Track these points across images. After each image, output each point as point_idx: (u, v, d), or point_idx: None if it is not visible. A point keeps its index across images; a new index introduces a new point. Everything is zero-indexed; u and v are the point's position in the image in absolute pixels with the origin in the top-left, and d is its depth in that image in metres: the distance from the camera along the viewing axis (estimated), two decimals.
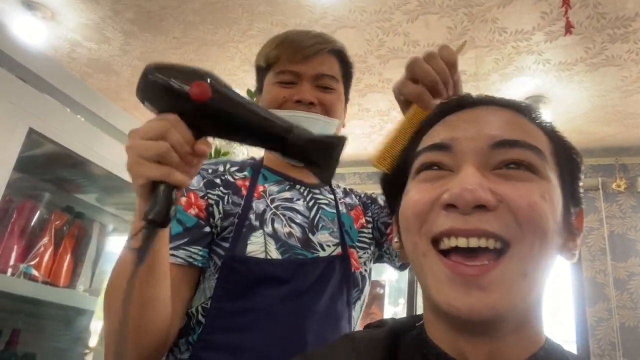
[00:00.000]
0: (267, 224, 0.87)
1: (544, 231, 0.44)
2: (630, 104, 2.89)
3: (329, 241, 0.91)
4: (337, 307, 0.87)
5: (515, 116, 0.52)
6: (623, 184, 3.30)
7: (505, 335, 0.45)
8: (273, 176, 0.96)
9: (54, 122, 1.07)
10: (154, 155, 0.55)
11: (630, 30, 2.31)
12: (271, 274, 0.83)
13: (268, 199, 0.91)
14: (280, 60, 0.92)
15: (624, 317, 3.05)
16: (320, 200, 0.97)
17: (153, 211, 0.55)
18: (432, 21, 2.43)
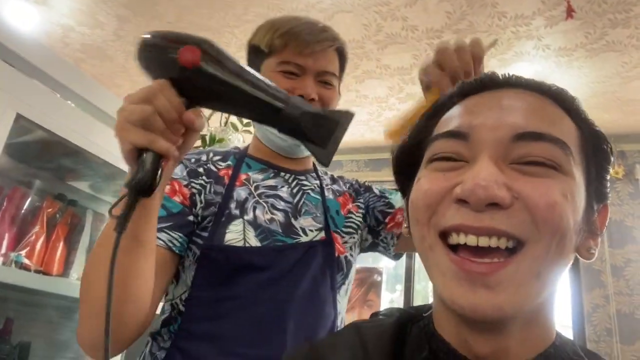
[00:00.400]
0: (248, 212, 0.87)
1: (562, 233, 0.41)
2: (630, 90, 2.87)
3: (311, 226, 0.91)
4: (320, 292, 0.87)
5: (543, 102, 0.47)
6: (621, 171, 3.29)
7: (513, 334, 0.43)
8: (257, 164, 0.96)
9: (44, 108, 1.05)
10: (138, 119, 0.54)
11: (632, 15, 2.28)
12: (249, 261, 0.83)
13: (252, 187, 0.91)
14: (287, 50, 0.89)
15: (620, 304, 3.06)
16: (305, 186, 0.97)
17: (136, 178, 0.53)
18: (430, 5, 2.39)
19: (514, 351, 0.43)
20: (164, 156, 0.56)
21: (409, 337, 0.50)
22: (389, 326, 0.51)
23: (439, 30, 2.56)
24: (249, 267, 0.83)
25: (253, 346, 0.80)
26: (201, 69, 0.55)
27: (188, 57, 0.54)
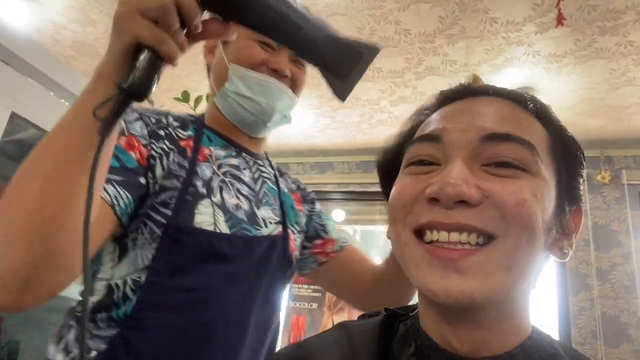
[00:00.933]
0: (215, 193, 0.80)
1: (531, 229, 0.43)
2: (617, 96, 2.92)
3: (271, 218, 0.88)
4: (275, 288, 0.87)
5: (513, 108, 0.50)
6: (608, 176, 3.34)
7: (489, 326, 0.45)
8: (218, 139, 0.89)
9: (37, 106, 1.05)
10: (155, 10, 0.46)
11: (620, 23, 2.32)
12: (219, 249, 0.76)
13: (214, 165, 0.84)
14: None
15: (606, 307, 3.11)
16: (264, 174, 0.93)
17: (133, 78, 0.47)
18: (423, 10, 2.42)
19: (491, 344, 0.45)
20: (167, 61, 0.49)
21: (396, 335, 0.52)
22: (377, 325, 0.53)
23: (431, 34, 2.59)
24: (218, 255, 0.76)
25: (216, 342, 0.75)
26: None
27: None
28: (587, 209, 3.35)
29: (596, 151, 3.45)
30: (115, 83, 0.47)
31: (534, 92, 2.95)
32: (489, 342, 0.45)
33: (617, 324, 3.05)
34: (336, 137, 3.83)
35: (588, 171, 3.43)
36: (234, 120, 0.90)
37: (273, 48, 0.87)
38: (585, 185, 3.39)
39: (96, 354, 0.70)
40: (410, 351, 0.49)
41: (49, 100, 1.12)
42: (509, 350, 0.46)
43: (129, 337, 0.70)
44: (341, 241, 1.03)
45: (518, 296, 0.46)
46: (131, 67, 0.48)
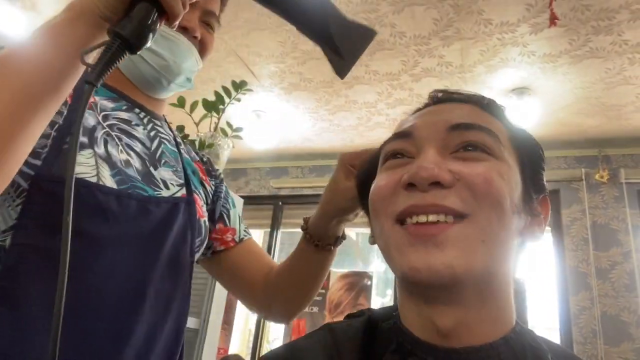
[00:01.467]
0: (99, 145, 0.69)
1: (501, 205, 0.46)
2: (613, 95, 2.93)
3: (172, 180, 0.79)
4: (181, 256, 0.76)
5: (474, 108, 0.55)
6: (606, 175, 3.35)
7: (470, 306, 0.47)
8: (106, 91, 0.78)
9: None
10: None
11: (614, 23, 2.33)
12: (105, 205, 0.65)
13: (99, 116, 0.73)
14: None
15: (606, 306, 3.11)
16: (161, 134, 0.84)
17: (129, 27, 0.45)
18: (418, 13, 2.43)
19: (475, 329, 0.47)
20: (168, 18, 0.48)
21: (379, 334, 0.54)
22: (360, 325, 0.56)
23: (426, 36, 2.60)
24: (105, 212, 0.65)
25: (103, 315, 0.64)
26: None
27: None
28: (586, 208, 3.36)
29: (594, 150, 3.46)
30: (109, 28, 0.45)
31: (530, 92, 2.96)
32: (471, 327, 0.47)
33: (617, 322, 3.05)
34: (334, 140, 3.84)
35: (586, 170, 3.44)
36: (131, 76, 0.80)
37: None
38: (584, 185, 3.41)
39: None
40: (391, 348, 0.50)
41: None
42: (490, 342, 0.47)
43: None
44: (242, 232, 0.96)
45: (497, 278, 0.49)
46: (129, 13, 0.46)
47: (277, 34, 2.72)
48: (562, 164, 3.52)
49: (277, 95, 3.34)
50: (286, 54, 2.89)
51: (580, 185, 3.42)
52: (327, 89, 3.15)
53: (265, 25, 2.65)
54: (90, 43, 0.49)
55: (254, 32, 2.73)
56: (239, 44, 2.85)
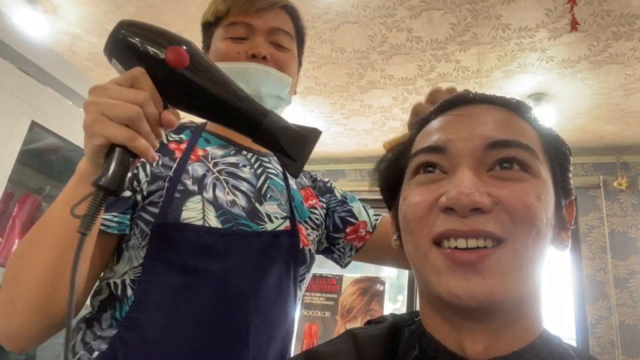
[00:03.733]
0: (207, 190, 0.78)
1: (538, 229, 0.46)
2: (633, 102, 2.89)
3: (277, 213, 0.84)
4: (284, 286, 0.81)
5: (508, 114, 0.53)
6: (624, 183, 3.30)
7: (502, 324, 0.47)
8: (217, 140, 0.88)
9: (56, 115, 1.07)
10: (124, 118, 0.50)
11: (635, 28, 2.30)
12: (210, 244, 0.73)
13: (210, 163, 0.82)
14: (231, 12, 0.85)
15: (624, 315, 3.05)
16: (269, 170, 0.89)
17: (106, 177, 0.50)
18: (435, 17, 2.42)
19: (503, 344, 0.47)
20: (138, 156, 0.53)
21: (402, 340, 0.54)
22: (383, 331, 0.55)
23: (443, 41, 2.59)
24: (210, 250, 0.73)
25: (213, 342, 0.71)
26: (187, 72, 0.53)
27: (175, 57, 0.52)
28: (604, 216, 3.31)
29: (612, 157, 3.41)
30: (92, 181, 0.50)
31: (548, 98, 2.93)
32: (501, 342, 0.47)
33: (636, 333, 2.99)
34: (348, 144, 3.83)
35: (604, 177, 3.38)
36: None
37: (246, 38, 0.86)
38: (602, 192, 3.36)
39: (97, 354, 0.69)
40: (414, 354, 0.50)
41: (67, 109, 1.14)
42: (517, 350, 0.47)
43: (126, 337, 0.69)
44: (373, 220, 1.00)
45: (529, 295, 0.48)
46: (106, 165, 0.51)
47: None
48: (580, 170, 3.47)
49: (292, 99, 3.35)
50: None
51: (598, 192, 3.37)
52: (342, 93, 3.15)
53: None
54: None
55: None
56: None
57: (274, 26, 0.87)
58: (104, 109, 0.51)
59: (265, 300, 0.77)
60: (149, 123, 0.53)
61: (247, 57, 0.84)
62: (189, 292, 0.71)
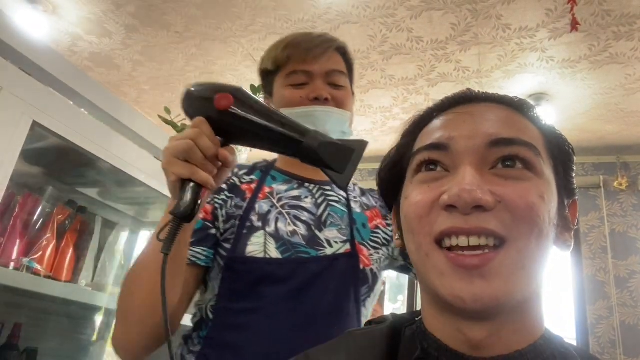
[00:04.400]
0: (270, 224, 0.89)
1: (540, 229, 0.45)
2: (633, 102, 2.89)
3: (337, 238, 0.91)
4: (344, 305, 0.86)
5: (511, 113, 0.53)
6: (625, 183, 3.30)
7: (504, 324, 0.46)
8: (282, 176, 0.98)
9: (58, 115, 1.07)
10: (181, 153, 0.62)
11: (635, 28, 2.30)
12: (270, 273, 0.84)
13: (275, 199, 0.93)
14: (291, 61, 0.94)
15: (624, 315, 3.05)
16: (330, 197, 0.97)
17: (179, 206, 0.62)
18: (436, 17, 2.42)
19: (506, 340, 0.46)
20: (203, 186, 0.63)
21: (403, 340, 0.53)
22: (383, 331, 0.54)
23: (444, 41, 2.59)
24: (270, 278, 0.84)
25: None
26: (232, 111, 0.64)
27: (222, 102, 0.64)
28: (604, 216, 3.31)
29: (612, 157, 3.41)
30: (170, 211, 0.63)
31: (549, 98, 2.93)
32: (503, 341, 0.46)
33: (636, 333, 2.99)
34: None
35: (604, 177, 3.38)
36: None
37: (306, 83, 0.94)
38: (602, 192, 3.36)
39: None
40: (416, 354, 0.49)
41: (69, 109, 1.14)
42: (520, 349, 0.46)
43: (207, 354, 0.83)
44: None
45: (532, 295, 0.48)
46: (179, 196, 0.63)
47: None
48: (580, 170, 3.47)
49: None
50: None
51: (598, 192, 3.37)
52: None
53: (282, 29, 2.67)
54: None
55: (271, 37, 2.74)
56: (256, 48, 2.87)
57: (330, 69, 0.95)
58: (170, 151, 0.64)
59: (323, 318, 0.84)
60: (205, 155, 0.63)
61: (309, 100, 0.93)
62: (252, 316, 0.82)
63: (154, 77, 3.29)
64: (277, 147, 0.67)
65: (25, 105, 0.97)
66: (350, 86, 1.01)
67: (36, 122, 0.99)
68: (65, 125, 1.07)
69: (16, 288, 1.14)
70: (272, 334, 0.81)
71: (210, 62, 3.05)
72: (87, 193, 1.56)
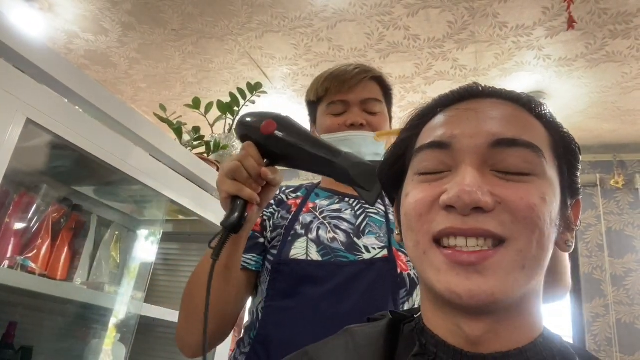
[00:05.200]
0: (312, 232, 0.97)
1: (541, 230, 0.45)
2: (630, 100, 2.89)
3: (374, 244, 0.97)
4: (381, 306, 0.90)
5: (515, 110, 0.52)
6: (621, 181, 3.31)
7: (502, 321, 0.46)
8: (324, 193, 1.07)
9: (53, 113, 1.06)
10: (230, 172, 0.73)
11: (632, 27, 2.30)
12: (311, 273, 0.91)
13: (317, 212, 1.01)
14: (330, 92, 1.05)
15: (620, 313, 3.06)
16: (369, 210, 1.04)
17: (227, 219, 0.71)
18: (433, 15, 2.42)
19: (504, 336, 0.46)
20: (249, 202, 0.73)
21: (401, 336, 0.53)
22: (382, 328, 0.54)
23: (441, 39, 2.59)
24: (310, 279, 0.91)
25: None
26: (275, 136, 0.74)
27: (267, 127, 0.74)
28: (601, 214, 3.31)
29: (609, 155, 3.42)
30: (221, 223, 0.72)
31: (545, 96, 2.93)
32: (501, 338, 0.46)
33: (632, 330, 3.00)
34: None
35: (601, 176, 3.39)
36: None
37: (345, 111, 1.04)
38: (599, 190, 3.36)
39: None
40: (414, 350, 0.49)
41: (64, 107, 1.13)
42: (519, 347, 0.46)
43: (258, 350, 0.90)
44: None
45: (532, 293, 0.48)
46: (228, 211, 0.73)
47: (290, 37, 2.73)
48: None
49: (289, 98, 3.34)
50: (299, 57, 2.89)
51: (594, 190, 3.38)
52: None
53: (279, 27, 2.66)
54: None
55: (268, 35, 2.74)
56: (253, 46, 2.86)
57: (365, 97, 1.04)
58: (223, 170, 0.74)
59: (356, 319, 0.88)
60: (250, 174, 0.73)
61: (346, 126, 1.02)
62: (293, 312, 0.90)
63: (150, 75, 3.28)
64: (314, 167, 0.76)
65: (20, 103, 0.96)
66: (387, 111, 1.10)
67: (30, 119, 0.98)
68: (60, 123, 1.06)
69: (11, 287, 1.13)
70: (310, 330, 0.86)
71: (207, 60, 3.04)
72: (83, 191, 1.55)
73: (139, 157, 1.33)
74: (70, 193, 1.51)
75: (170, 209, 1.55)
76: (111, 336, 1.46)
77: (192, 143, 1.65)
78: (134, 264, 1.56)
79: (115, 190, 1.55)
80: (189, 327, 0.86)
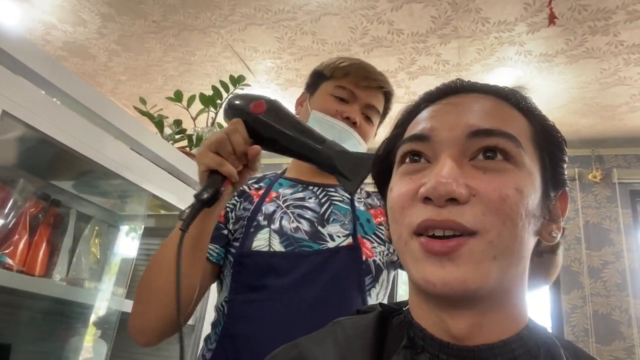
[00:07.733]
0: (275, 222, 0.96)
1: (513, 221, 0.45)
2: (608, 96, 2.95)
3: (339, 232, 0.96)
4: (347, 294, 0.91)
5: (496, 103, 0.53)
6: (599, 175, 3.37)
7: (485, 312, 0.47)
8: (288, 182, 1.06)
9: (29, 105, 1.03)
10: (214, 144, 0.71)
11: (611, 23, 2.34)
12: (275, 265, 0.90)
13: (280, 201, 1.00)
14: (346, 78, 1.03)
15: (597, 305, 3.14)
16: (334, 197, 1.03)
17: (203, 191, 0.70)
18: (416, 10, 2.42)
19: (488, 329, 0.47)
20: (227, 178, 0.72)
21: (390, 329, 0.54)
22: (371, 320, 0.55)
23: (424, 34, 2.60)
24: (274, 270, 0.90)
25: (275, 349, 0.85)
26: (264, 116, 0.75)
27: (257, 107, 0.76)
28: (579, 208, 3.38)
29: (587, 150, 3.48)
30: (194, 194, 0.70)
31: (526, 92, 2.97)
32: (485, 330, 0.47)
33: (609, 321, 3.08)
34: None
35: (579, 170, 3.46)
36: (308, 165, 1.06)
37: (347, 101, 1.03)
38: (577, 184, 3.43)
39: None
40: (403, 343, 0.50)
41: (40, 99, 1.11)
42: (504, 339, 0.47)
43: (225, 345, 0.88)
44: None
45: (513, 284, 0.48)
46: (204, 184, 0.71)
47: (274, 30, 2.71)
48: None
49: (273, 92, 3.32)
50: (283, 50, 2.87)
51: (573, 184, 3.44)
52: None
53: (262, 20, 2.64)
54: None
55: (251, 27, 2.71)
56: (236, 39, 2.83)
57: (371, 103, 1.04)
58: (206, 143, 0.73)
59: (323, 306, 0.88)
60: (235, 150, 0.72)
61: (342, 117, 1.01)
62: (259, 305, 0.88)
63: (130, 67, 3.22)
64: (298, 152, 0.76)
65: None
66: (377, 126, 1.11)
67: (6, 112, 0.96)
68: (37, 116, 1.04)
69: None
70: (276, 322, 0.86)
71: (189, 52, 3.00)
72: (61, 185, 1.52)
73: (119, 150, 1.31)
74: (48, 187, 1.47)
75: (152, 204, 1.53)
76: (92, 333, 1.44)
77: (174, 137, 1.63)
78: (114, 260, 1.54)
79: (95, 184, 1.52)
80: (147, 310, 0.81)
